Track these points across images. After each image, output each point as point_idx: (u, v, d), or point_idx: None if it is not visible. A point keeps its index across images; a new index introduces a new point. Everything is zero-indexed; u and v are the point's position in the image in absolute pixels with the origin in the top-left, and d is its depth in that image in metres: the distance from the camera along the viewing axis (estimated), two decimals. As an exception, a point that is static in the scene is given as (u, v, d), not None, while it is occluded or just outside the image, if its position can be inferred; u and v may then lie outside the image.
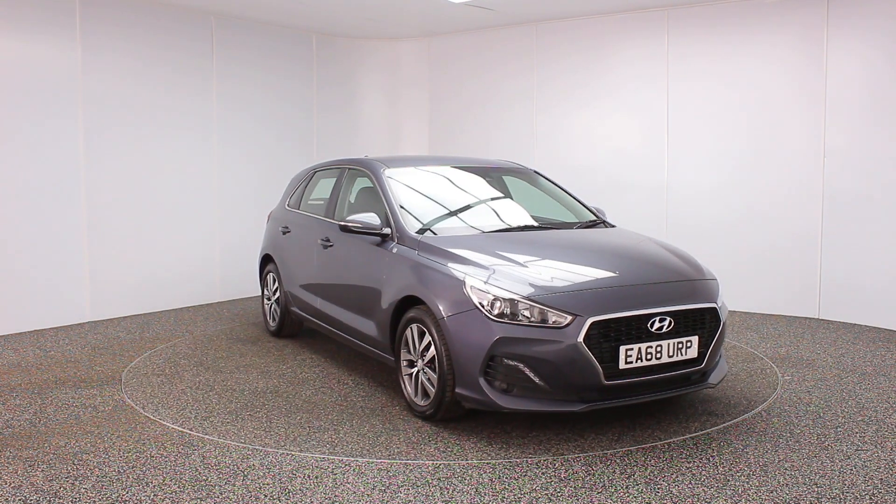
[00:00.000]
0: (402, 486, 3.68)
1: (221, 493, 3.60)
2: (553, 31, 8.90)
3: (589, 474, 3.81)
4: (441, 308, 4.38)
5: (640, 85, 8.35)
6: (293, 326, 6.74)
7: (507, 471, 3.85)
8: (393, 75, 10.19)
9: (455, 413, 4.50)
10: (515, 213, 5.60)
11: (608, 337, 4.12)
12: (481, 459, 3.99)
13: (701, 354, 4.40)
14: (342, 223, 5.33)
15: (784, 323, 7.34)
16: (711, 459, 3.99)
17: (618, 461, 3.97)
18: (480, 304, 4.22)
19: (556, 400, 4.14)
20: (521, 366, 4.11)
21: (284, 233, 6.70)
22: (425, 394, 4.59)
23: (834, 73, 7.27)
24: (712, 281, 4.75)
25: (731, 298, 7.97)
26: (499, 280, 4.30)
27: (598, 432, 4.39)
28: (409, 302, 4.73)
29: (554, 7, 8.26)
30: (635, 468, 3.88)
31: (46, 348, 6.42)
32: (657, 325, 4.22)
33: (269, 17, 8.65)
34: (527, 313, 4.13)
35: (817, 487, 3.65)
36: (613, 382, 4.13)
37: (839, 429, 4.45)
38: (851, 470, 3.85)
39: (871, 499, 3.53)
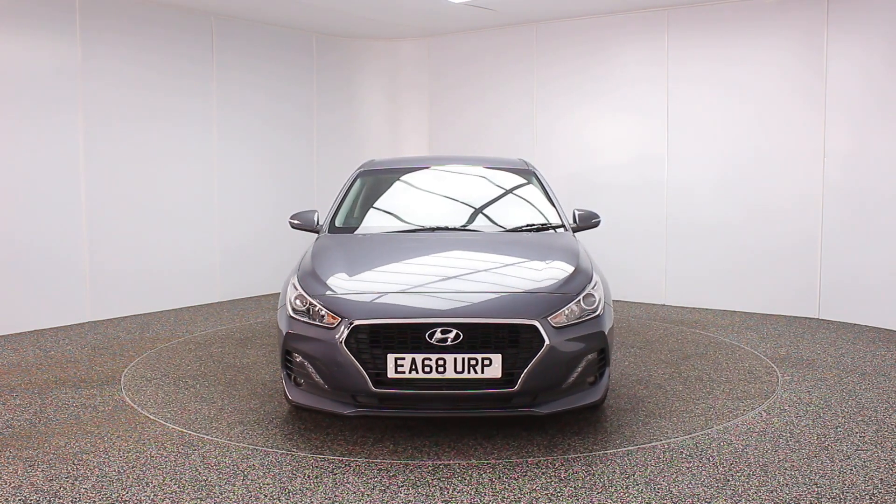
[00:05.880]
0: (402, 486, 3.68)
1: (221, 493, 3.60)
2: (553, 31, 8.90)
3: (589, 474, 3.81)
4: (281, 302, 4.67)
5: (640, 85, 8.35)
6: None
7: (507, 471, 3.85)
8: (393, 75, 10.19)
9: None
10: (447, 215, 5.42)
11: (377, 343, 4.02)
12: (481, 460, 4.00)
13: (511, 375, 3.99)
14: (289, 219, 5.59)
15: (784, 323, 7.33)
16: (711, 459, 3.99)
17: (618, 461, 3.97)
18: (290, 299, 4.42)
19: (332, 400, 4.21)
20: (305, 362, 4.22)
21: None
22: None
23: (834, 73, 7.27)
24: (555, 295, 4.22)
25: (731, 298, 7.99)
26: (307, 278, 4.48)
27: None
28: None
29: (554, 7, 8.26)
30: (635, 468, 3.88)
31: (46, 348, 6.42)
32: (438, 336, 3.98)
33: (269, 17, 8.65)
34: (312, 312, 4.25)
35: (817, 487, 3.65)
36: (384, 391, 4.02)
37: (839, 429, 4.45)
38: (851, 470, 3.85)
39: (871, 499, 3.53)
